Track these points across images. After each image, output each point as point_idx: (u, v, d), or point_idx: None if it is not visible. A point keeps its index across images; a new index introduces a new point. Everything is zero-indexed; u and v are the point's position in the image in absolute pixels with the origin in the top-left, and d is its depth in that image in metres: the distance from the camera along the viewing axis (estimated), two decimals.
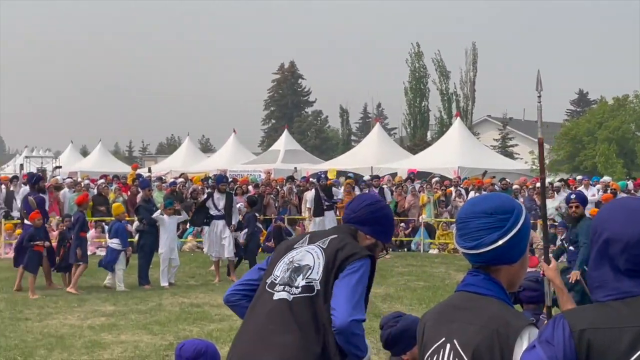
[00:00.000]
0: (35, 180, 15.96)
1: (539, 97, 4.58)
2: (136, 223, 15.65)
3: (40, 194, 15.65)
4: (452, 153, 32.76)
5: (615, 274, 2.26)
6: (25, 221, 15.00)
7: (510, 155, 49.90)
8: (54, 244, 14.87)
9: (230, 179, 24.95)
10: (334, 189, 21.20)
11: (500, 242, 2.56)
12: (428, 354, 2.66)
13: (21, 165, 39.33)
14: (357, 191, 23.00)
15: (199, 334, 10.14)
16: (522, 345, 2.39)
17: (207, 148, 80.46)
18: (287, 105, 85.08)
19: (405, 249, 21.59)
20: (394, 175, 30.30)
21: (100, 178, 26.15)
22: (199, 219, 15.85)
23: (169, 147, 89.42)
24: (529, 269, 6.43)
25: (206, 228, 15.98)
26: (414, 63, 57.96)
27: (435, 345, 2.63)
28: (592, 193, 20.91)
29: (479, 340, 2.47)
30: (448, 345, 2.57)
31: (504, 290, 2.61)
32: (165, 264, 14.82)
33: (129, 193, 22.70)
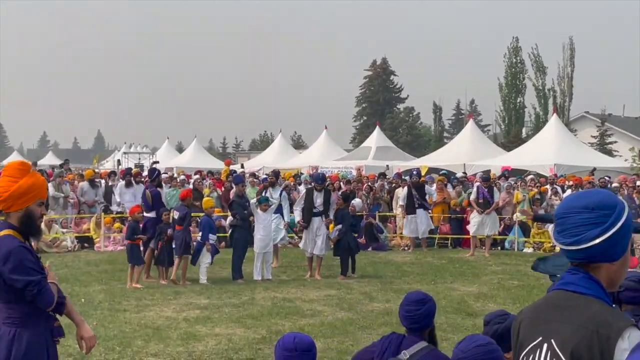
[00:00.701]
0: (155, 175, 16.42)
1: None
2: (230, 218, 15.86)
3: (158, 188, 16.12)
4: (548, 150, 32.01)
5: None
6: (145, 214, 15.46)
7: (609, 153, 48.41)
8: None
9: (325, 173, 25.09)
10: (427, 187, 21.02)
11: (601, 239, 2.49)
12: (524, 353, 2.61)
13: (118, 160, 40.57)
14: (449, 188, 22.79)
15: (291, 328, 10.22)
16: (623, 346, 2.32)
17: (299, 144, 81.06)
18: (379, 102, 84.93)
19: (499, 247, 21.24)
20: (486, 172, 29.87)
21: (195, 174, 26.67)
22: (306, 218, 15.72)
23: (261, 144, 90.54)
24: (629, 270, 6.22)
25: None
26: (511, 58, 56.97)
27: (532, 345, 2.57)
28: None
29: (577, 340, 2.42)
30: (545, 345, 2.52)
31: (604, 290, 2.54)
32: (260, 259, 15.01)
33: (222, 189, 23.08)
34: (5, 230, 4.55)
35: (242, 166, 37.89)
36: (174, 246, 14.61)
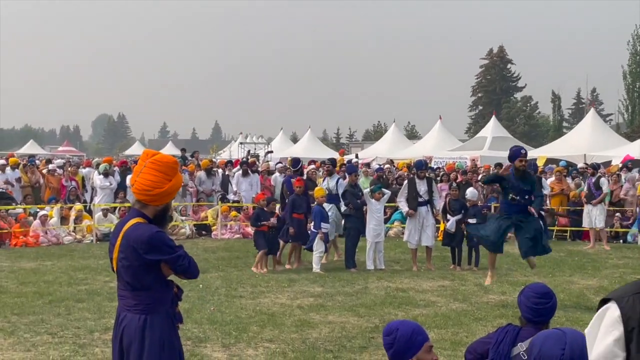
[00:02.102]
0: (299, 165, 16.95)
1: None
2: (343, 207, 15.95)
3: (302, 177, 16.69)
4: None
5: None
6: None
7: None
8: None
9: (435, 166, 24.85)
10: (543, 179, 20.44)
11: None
12: None
13: (249, 151, 41.20)
14: (568, 180, 22.14)
15: (404, 317, 10.17)
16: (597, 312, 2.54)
17: (412, 135, 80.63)
18: (495, 91, 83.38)
19: (621, 241, 20.49)
20: (607, 163, 28.82)
21: (310, 164, 26.92)
22: (412, 204, 15.63)
23: (375, 134, 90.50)
24: None
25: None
26: (635, 45, 54.86)
27: None
28: None
29: None
30: None
31: None
32: (372, 248, 15.03)
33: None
34: (137, 219, 4.69)
35: (357, 156, 37.99)
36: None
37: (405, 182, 16.39)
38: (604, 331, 2.51)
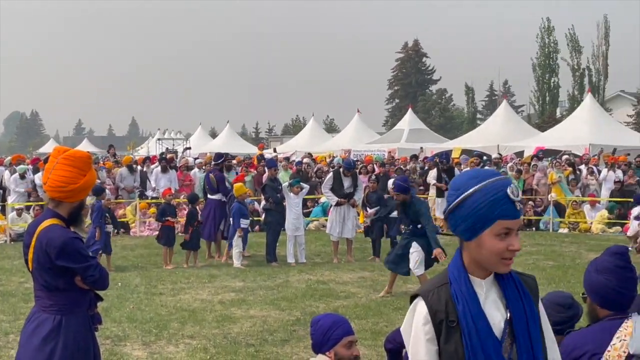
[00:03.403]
0: (221, 160, 16.75)
1: None
2: (263, 202, 15.97)
3: (222, 172, 16.46)
4: (582, 130, 31.61)
5: None
6: (209, 196, 16.12)
7: None
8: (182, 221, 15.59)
9: (355, 159, 25.08)
10: (456, 169, 20.90)
11: (445, 214, 2.79)
12: None
13: (167, 149, 40.63)
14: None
15: (325, 309, 10.27)
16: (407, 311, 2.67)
17: (331, 128, 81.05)
18: (411, 84, 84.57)
19: (534, 228, 21.10)
20: (520, 153, 29.61)
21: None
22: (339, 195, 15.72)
23: (294, 128, 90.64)
24: None
25: (332, 208, 16.06)
26: (543, 38, 56.44)
27: None
28: None
29: None
30: None
31: (457, 261, 2.71)
32: (292, 241, 15.08)
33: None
34: (51, 220, 4.55)
35: (275, 150, 38.01)
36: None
37: (331, 174, 16.51)
38: (417, 332, 2.62)
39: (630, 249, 15.16)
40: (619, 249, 3.87)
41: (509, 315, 2.59)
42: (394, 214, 15.54)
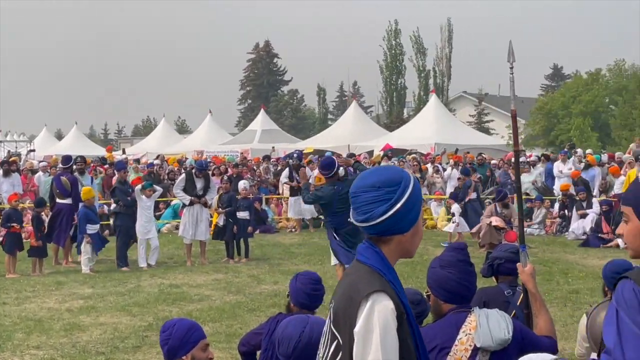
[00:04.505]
0: (71, 163, 15.98)
1: (511, 68, 4.61)
2: (113, 205, 15.57)
3: (73, 175, 15.72)
4: (428, 130, 32.83)
5: None
6: (58, 200, 15.31)
7: (486, 131, 50.16)
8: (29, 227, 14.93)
9: (208, 160, 24.92)
10: (308, 169, 21.14)
11: (387, 215, 2.62)
12: None
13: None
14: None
15: (178, 314, 10.13)
16: (364, 310, 2.53)
17: (183, 129, 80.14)
18: (263, 85, 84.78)
19: None
20: (370, 152, 30.36)
21: None
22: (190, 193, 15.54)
23: (144, 129, 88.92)
24: (509, 243, 6.43)
25: (185, 210, 15.88)
26: (390, 40, 58.03)
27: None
28: (569, 167, 21.05)
29: (340, 304, 2.66)
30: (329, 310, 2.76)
31: (382, 258, 2.67)
32: (143, 244, 14.77)
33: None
34: None
35: (124, 152, 37.19)
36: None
37: (183, 175, 16.31)
38: (387, 327, 2.53)
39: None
40: (459, 244, 4.14)
41: None
42: (243, 214, 15.59)
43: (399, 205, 2.62)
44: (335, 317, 2.66)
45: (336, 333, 2.63)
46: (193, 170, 16.18)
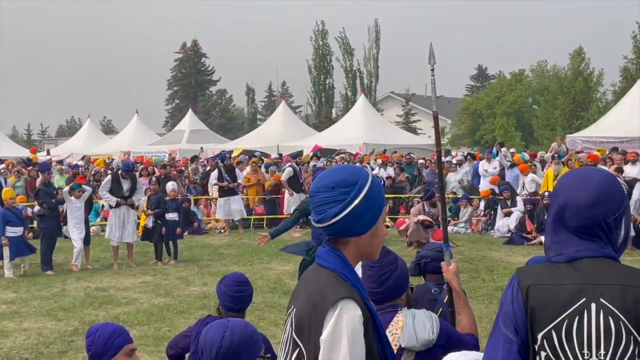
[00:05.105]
0: None
1: (432, 70, 4.69)
2: (37, 207, 15.22)
3: None
4: (356, 130, 33.08)
5: (566, 235, 2.46)
6: None
7: (413, 131, 50.81)
8: None
9: (134, 161, 24.58)
10: (236, 169, 21.03)
11: (340, 216, 2.56)
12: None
13: None
14: (262, 170, 23.01)
15: (105, 318, 9.98)
16: (332, 317, 2.44)
17: (109, 129, 78.87)
18: (191, 85, 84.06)
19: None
20: (300, 153, 30.43)
21: None
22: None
23: (69, 130, 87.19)
24: (437, 242, 6.51)
25: (111, 212, 15.65)
26: (318, 41, 58.23)
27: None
28: (494, 166, 21.47)
29: (304, 311, 2.55)
30: (288, 316, 2.66)
31: (345, 262, 2.60)
32: (78, 247, 14.47)
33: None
34: None
35: (49, 153, 36.41)
36: None
37: (109, 176, 16.05)
38: (355, 333, 2.47)
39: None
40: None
41: None
42: (172, 216, 15.44)
43: (352, 206, 2.55)
44: (298, 325, 2.56)
45: (298, 341, 2.54)
46: (119, 171, 15.95)
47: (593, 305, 2.35)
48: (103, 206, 20.42)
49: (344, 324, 2.44)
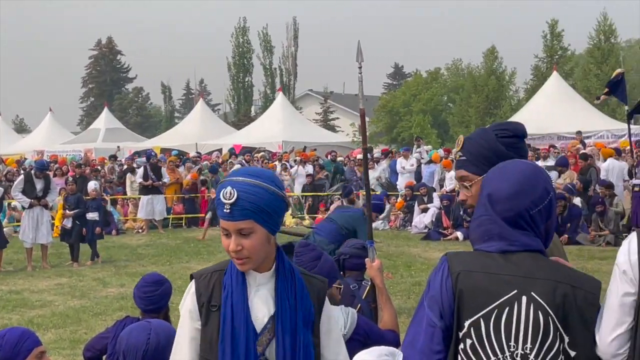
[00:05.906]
0: None
1: (360, 68, 4.68)
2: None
3: None
4: (275, 128, 33.11)
5: (495, 226, 2.45)
6: None
7: (332, 129, 51.07)
8: None
9: (48, 160, 23.99)
10: (162, 169, 20.70)
11: None
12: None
13: None
14: (181, 169, 22.79)
15: (19, 321, 9.73)
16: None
17: (21, 128, 76.77)
18: (106, 82, 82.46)
19: None
20: (220, 151, 30.26)
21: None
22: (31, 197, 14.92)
23: None
24: (355, 239, 6.56)
25: (24, 213, 15.25)
26: (238, 38, 57.99)
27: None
28: (411, 163, 21.79)
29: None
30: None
31: None
32: None
33: None
34: None
35: None
36: None
37: (22, 176, 15.63)
38: (185, 309, 2.72)
39: None
40: (303, 242, 4.25)
41: (274, 310, 2.59)
42: (93, 215, 15.15)
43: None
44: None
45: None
46: (32, 171, 15.56)
47: (524, 298, 2.35)
48: (10, 204, 19.88)
49: (186, 298, 2.73)
